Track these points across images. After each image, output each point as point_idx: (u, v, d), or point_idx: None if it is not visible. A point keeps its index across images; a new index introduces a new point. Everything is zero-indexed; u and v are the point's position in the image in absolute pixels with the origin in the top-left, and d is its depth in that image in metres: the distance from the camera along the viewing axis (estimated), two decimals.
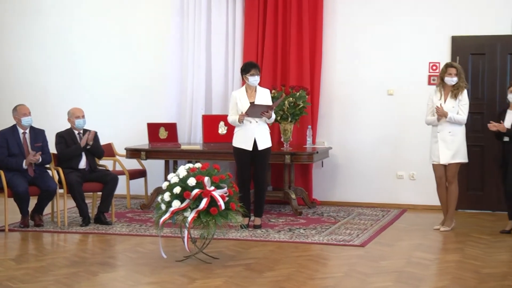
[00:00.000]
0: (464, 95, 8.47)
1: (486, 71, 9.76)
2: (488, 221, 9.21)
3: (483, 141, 9.61)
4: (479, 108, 9.62)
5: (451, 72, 8.46)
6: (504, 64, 9.68)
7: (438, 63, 9.81)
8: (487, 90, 9.76)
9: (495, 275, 6.58)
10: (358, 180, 10.28)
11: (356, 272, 6.65)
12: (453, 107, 8.44)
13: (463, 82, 8.50)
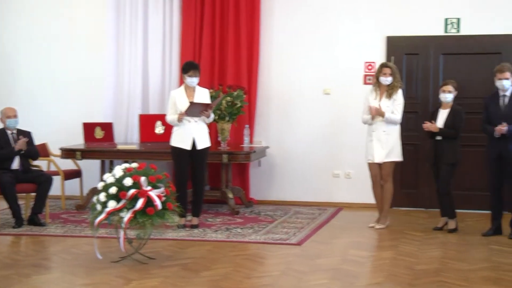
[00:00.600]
0: (398, 95, 8.61)
1: (420, 71, 9.95)
2: (421, 218, 9.39)
3: (417, 140, 9.79)
4: (413, 108, 9.79)
5: (385, 72, 8.59)
6: (437, 64, 9.89)
7: (373, 62, 9.96)
8: (421, 90, 9.95)
9: (428, 271, 6.71)
10: (295, 179, 10.36)
11: (293, 271, 6.70)
12: (387, 107, 8.57)
13: (398, 82, 8.64)
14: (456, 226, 8.52)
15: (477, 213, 9.47)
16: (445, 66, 9.84)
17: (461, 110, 8.49)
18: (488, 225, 8.40)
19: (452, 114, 8.44)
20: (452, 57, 9.83)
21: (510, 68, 8.18)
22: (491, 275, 6.57)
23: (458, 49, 9.80)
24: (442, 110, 8.56)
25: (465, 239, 8.12)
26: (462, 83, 9.07)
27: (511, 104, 8.13)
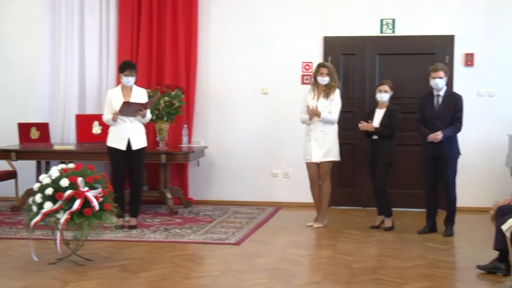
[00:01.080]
0: (336, 95, 8.70)
1: (357, 71, 10.08)
2: (359, 217, 9.50)
3: (354, 139, 9.91)
4: (350, 107, 9.91)
5: (323, 72, 8.66)
6: (373, 64, 10.03)
7: (311, 63, 10.04)
8: (358, 90, 10.08)
9: (365, 269, 6.80)
10: (234, 178, 10.38)
11: (232, 270, 6.71)
12: (325, 106, 8.65)
13: (335, 82, 8.73)
14: (392, 224, 8.66)
15: (413, 211, 9.64)
16: (381, 66, 9.99)
17: (397, 109, 8.63)
18: (423, 223, 8.55)
19: (388, 113, 8.57)
20: (388, 57, 9.98)
21: (444, 67, 8.35)
22: (426, 272, 6.70)
23: (394, 50, 9.96)
24: (378, 109, 8.68)
25: (401, 237, 8.25)
26: (398, 83, 9.23)
27: (445, 104, 8.29)
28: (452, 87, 9.33)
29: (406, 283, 6.33)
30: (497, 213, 6.67)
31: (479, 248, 7.63)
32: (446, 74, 8.32)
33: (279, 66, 10.20)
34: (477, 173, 9.71)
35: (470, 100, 9.23)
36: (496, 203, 6.94)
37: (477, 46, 9.75)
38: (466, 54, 9.77)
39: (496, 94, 9.71)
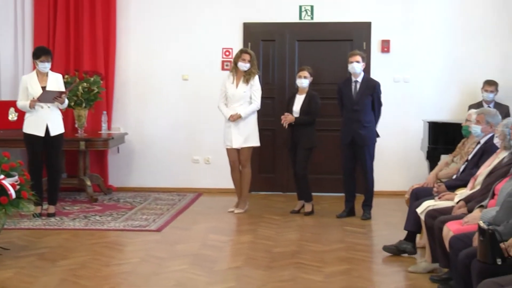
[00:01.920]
0: (256, 81, 8.73)
1: (276, 57, 10.12)
2: (279, 202, 9.59)
3: (274, 125, 9.95)
4: (270, 93, 9.95)
5: (245, 58, 8.68)
6: (293, 50, 10.09)
7: (231, 49, 10.04)
8: (277, 76, 10.13)
9: (285, 253, 6.88)
10: (155, 165, 10.31)
11: (153, 257, 6.69)
12: (244, 92, 8.68)
13: (255, 69, 8.76)
14: (312, 209, 8.77)
15: (332, 196, 9.77)
16: (301, 52, 10.06)
17: (317, 95, 8.72)
18: (342, 207, 8.70)
19: (308, 99, 8.66)
20: (307, 44, 10.06)
21: (362, 53, 8.50)
22: (345, 255, 6.83)
23: (313, 36, 10.04)
24: (298, 95, 8.75)
25: (320, 221, 8.37)
26: (317, 69, 9.32)
27: (362, 90, 8.43)
28: (369, 74, 9.48)
29: (325, 266, 6.45)
30: (412, 196, 6.85)
31: (395, 230, 7.79)
32: (364, 59, 8.46)
33: (199, 52, 10.16)
34: (393, 158, 9.91)
35: (387, 86, 9.38)
36: (411, 187, 7.13)
37: (393, 32, 9.94)
38: (382, 41, 9.94)
39: (411, 80, 9.92)
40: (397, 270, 6.40)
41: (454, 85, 9.85)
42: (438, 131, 8.86)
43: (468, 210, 5.70)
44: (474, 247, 4.74)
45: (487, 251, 4.45)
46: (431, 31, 9.89)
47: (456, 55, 9.83)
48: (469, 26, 9.83)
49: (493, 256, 4.42)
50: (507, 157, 5.86)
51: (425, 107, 9.80)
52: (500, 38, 9.77)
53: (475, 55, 9.81)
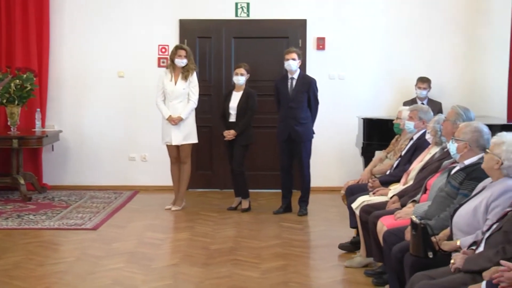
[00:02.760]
0: (194, 78, 8.72)
1: (213, 54, 10.12)
2: (216, 199, 9.59)
3: (211, 122, 9.97)
4: (207, 90, 9.94)
5: (181, 54, 8.66)
6: (229, 47, 10.10)
7: (167, 45, 9.99)
8: (214, 73, 10.13)
9: (222, 250, 6.91)
10: (90, 163, 10.20)
11: (88, 256, 6.63)
12: (183, 89, 8.67)
13: (193, 64, 8.75)
14: (249, 206, 8.81)
15: (269, 192, 9.83)
16: (237, 49, 10.08)
17: (254, 92, 8.77)
18: (279, 203, 8.76)
19: (245, 96, 8.69)
20: (243, 41, 10.09)
21: (297, 51, 8.57)
22: (281, 251, 6.89)
23: (249, 33, 10.07)
24: (235, 92, 8.78)
25: (257, 218, 8.42)
26: (254, 66, 9.35)
27: (298, 87, 8.51)
28: (305, 71, 9.56)
29: (262, 262, 6.49)
30: (347, 192, 6.95)
31: (331, 226, 7.92)
32: (300, 57, 8.54)
33: (135, 49, 10.09)
34: (329, 154, 10.02)
35: (322, 83, 9.48)
36: (346, 183, 7.22)
37: (328, 30, 10.04)
38: (317, 38, 10.03)
39: (346, 77, 10.04)
40: (333, 265, 6.49)
41: (389, 82, 10.01)
42: (372, 127, 9.00)
43: (401, 205, 5.82)
44: (407, 241, 4.84)
45: (419, 245, 4.54)
46: (365, 28, 10.03)
47: (390, 52, 10.00)
48: (403, 23, 10.01)
49: (425, 250, 4.52)
50: (438, 152, 6.00)
51: (360, 103, 9.94)
52: (433, 35, 9.96)
53: (409, 52, 9.98)
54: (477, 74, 9.91)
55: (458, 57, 9.96)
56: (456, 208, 4.63)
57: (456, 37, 9.96)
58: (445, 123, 5.80)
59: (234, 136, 8.63)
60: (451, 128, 5.56)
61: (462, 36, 9.95)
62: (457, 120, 5.63)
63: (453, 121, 5.66)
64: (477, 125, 5.02)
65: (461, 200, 4.76)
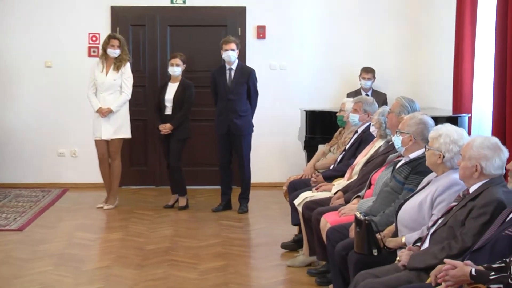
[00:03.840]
0: (127, 68, 8.66)
1: (147, 43, 10.04)
2: (151, 196, 9.55)
3: (146, 115, 9.90)
4: (141, 81, 9.85)
5: (113, 43, 8.58)
6: (164, 36, 10.04)
7: (98, 34, 9.88)
8: (148, 63, 10.06)
9: (158, 250, 6.89)
10: (15, 159, 10.02)
11: (14, 259, 6.54)
12: (114, 80, 8.60)
13: (126, 55, 8.69)
14: (187, 203, 8.80)
15: (208, 189, 9.81)
16: (173, 38, 10.03)
17: (191, 84, 8.74)
18: (218, 200, 8.77)
19: (182, 88, 8.66)
20: (179, 29, 10.04)
21: (236, 40, 8.57)
22: (221, 250, 6.90)
23: (185, 21, 10.03)
24: (171, 83, 8.74)
25: (195, 216, 8.41)
26: (191, 56, 9.33)
27: (237, 78, 8.51)
28: (245, 61, 9.58)
29: (200, 263, 6.50)
30: (289, 188, 6.98)
31: (273, 224, 7.97)
32: (238, 46, 8.55)
33: (63, 37, 9.94)
34: (271, 148, 10.06)
35: (263, 73, 9.51)
36: (289, 179, 7.26)
37: (269, 18, 10.06)
38: (258, 27, 10.05)
39: (288, 67, 10.08)
40: (275, 265, 6.53)
41: (332, 72, 10.09)
42: (315, 120, 9.06)
43: (345, 200, 5.88)
44: (351, 238, 4.90)
45: (363, 242, 4.61)
46: (307, 16, 10.08)
47: (333, 41, 10.07)
48: (346, 12, 10.08)
49: (369, 247, 4.58)
50: (383, 146, 6.08)
51: (302, 95, 10.00)
52: (377, 24, 10.07)
53: (353, 42, 10.07)
54: (422, 64, 10.07)
55: (403, 47, 10.10)
56: (401, 203, 4.71)
57: (401, 26, 10.09)
58: (389, 115, 5.88)
59: (170, 130, 8.59)
60: (396, 121, 5.64)
61: (407, 26, 10.09)
62: (402, 112, 5.72)
63: (398, 113, 5.75)
64: (422, 117, 5.11)
65: (406, 195, 4.84)
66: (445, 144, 4.51)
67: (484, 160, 4.13)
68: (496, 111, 7.36)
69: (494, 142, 4.17)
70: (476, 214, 4.05)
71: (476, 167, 4.13)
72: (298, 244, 6.83)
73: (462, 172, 4.21)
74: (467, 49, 8.42)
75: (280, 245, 6.96)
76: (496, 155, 4.13)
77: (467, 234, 4.01)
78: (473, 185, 4.19)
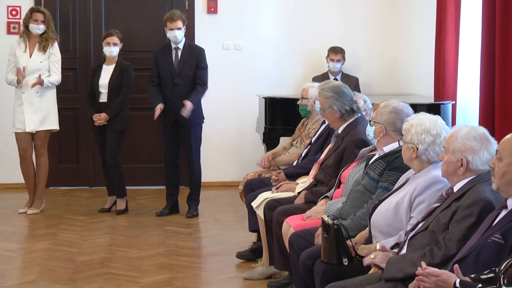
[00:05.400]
0: (55, 48, 8.62)
1: (78, 19, 9.98)
2: (85, 198, 9.53)
3: (77, 102, 9.86)
4: (71, 63, 9.81)
5: (37, 18, 8.54)
6: (98, 10, 9.98)
7: (18, 7, 9.80)
8: (80, 42, 10.00)
9: (93, 262, 6.89)
10: None
11: None
12: (41, 62, 8.55)
13: (53, 32, 8.64)
14: (126, 206, 8.79)
15: (151, 189, 9.84)
16: (108, 13, 9.98)
17: (130, 66, 8.72)
18: (163, 203, 8.78)
19: (119, 70, 8.64)
20: (115, 2, 10.00)
21: (182, 16, 8.54)
22: (166, 261, 6.92)
23: None
24: (106, 66, 8.72)
25: (137, 221, 8.41)
26: (129, 34, 9.33)
27: (185, 58, 8.50)
28: (193, 39, 9.58)
29: (142, 276, 6.52)
30: (246, 188, 7.00)
31: (227, 230, 8.00)
32: (185, 23, 8.53)
33: None
34: (224, 142, 10.08)
35: (215, 54, 9.53)
36: (245, 177, 7.29)
37: None
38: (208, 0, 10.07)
39: (244, 48, 10.10)
40: (229, 277, 6.57)
41: (295, 53, 10.14)
42: (276, 108, 9.08)
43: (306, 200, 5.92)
44: (317, 245, 4.92)
45: (332, 250, 4.62)
46: None
47: (297, 17, 10.11)
48: None
49: (338, 256, 4.60)
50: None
51: (261, 79, 10.03)
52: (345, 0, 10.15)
53: (319, 18, 10.12)
54: (400, 45, 10.15)
55: (377, 24, 10.18)
56: (375, 205, 4.75)
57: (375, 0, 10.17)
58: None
59: (106, 121, 8.56)
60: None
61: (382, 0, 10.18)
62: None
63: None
64: (396, 105, 5.13)
65: (381, 195, 4.89)
66: (417, 134, 4.54)
67: (470, 153, 4.15)
68: (483, 98, 7.46)
69: (481, 132, 4.19)
70: (460, 216, 4.07)
71: (462, 161, 4.15)
72: (257, 254, 6.86)
73: (445, 168, 4.24)
74: (450, 26, 8.50)
75: (236, 254, 6.98)
76: (484, 148, 4.15)
77: (451, 239, 4.03)
78: (457, 183, 4.21)
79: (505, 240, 3.76)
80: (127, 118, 8.71)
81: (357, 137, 5.92)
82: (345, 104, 6.05)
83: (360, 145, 5.81)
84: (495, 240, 3.78)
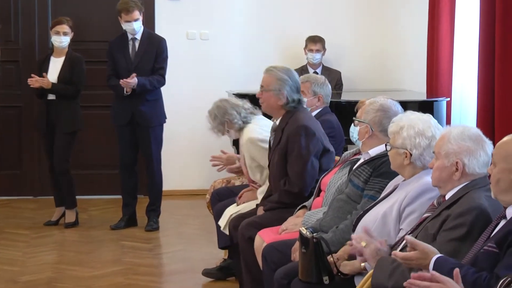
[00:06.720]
0: None
1: (20, 6, 9.95)
2: (28, 210, 9.52)
3: (20, 100, 9.85)
4: (13, 55, 9.80)
5: None
6: None
7: None
8: (23, 31, 9.99)
9: (38, 282, 6.88)
10: None
11: None
12: None
13: None
14: (76, 219, 8.79)
15: (105, 199, 9.83)
16: None
17: (81, 58, 8.72)
18: (119, 214, 8.79)
19: (69, 64, 8.63)
20: None
21: (138, 3, 8.50)
22: (122, 281, 6.93)
23: None
24: (54, 58, 8.71)
25: (89, 236, 8.42)
26: (80, 22, 9.31)
27: (143, 49, 8.51)
28: (153, 28, 9.58)
29: None
30: (213, 197, 7.01)
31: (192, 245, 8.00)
32: (141, 10, 8.51)
33: None
34: (188, 144, 10.09)
35: (178, 44, 9.55)
36: (213, 184, 7.30)
37: None
38: None
39: (211, 37, 10.12)
40: None
41: (269, 43, 10.17)
42: None
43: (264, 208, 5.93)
44: (295, 261, 4.92)
45: (311, 267, 4.62)
46: None
47: (271, 5, 10.13)
48: None
49: (318, 273, 4.59)
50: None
51: (230, 73, 10.05)
52: None
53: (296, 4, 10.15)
54: (388, 35, 10.21)
55: (363, 10, 10.23)
56: (360, 215, 4.75)
57: None
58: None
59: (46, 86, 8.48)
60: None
61: None
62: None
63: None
64: (383, 103, 5.12)
65: (366, 204, 4.89)
66: (409, 138, 4.52)
67: (466, 154, 4.13)
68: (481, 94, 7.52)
69: (475, 132, 4.19)
70: (450, 225, 4.04)
71: (457, 164, 4.13)
72: (225, 272, 6.88)
73: (438, 175, 4.21)
74: (445, 15, 8.57)
75: (202, 272, 7.00)
76: (480, 148, 4.14)
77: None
78: (450, 191, 4.20)
79: (499, 249, 3.75)
80: (79, 118, 8.69)
81: (299, 124, 5.87)
82: (293, 93, 5.99)
83: (305, 133, 5.80)
84: (488, 249, 3.77)
